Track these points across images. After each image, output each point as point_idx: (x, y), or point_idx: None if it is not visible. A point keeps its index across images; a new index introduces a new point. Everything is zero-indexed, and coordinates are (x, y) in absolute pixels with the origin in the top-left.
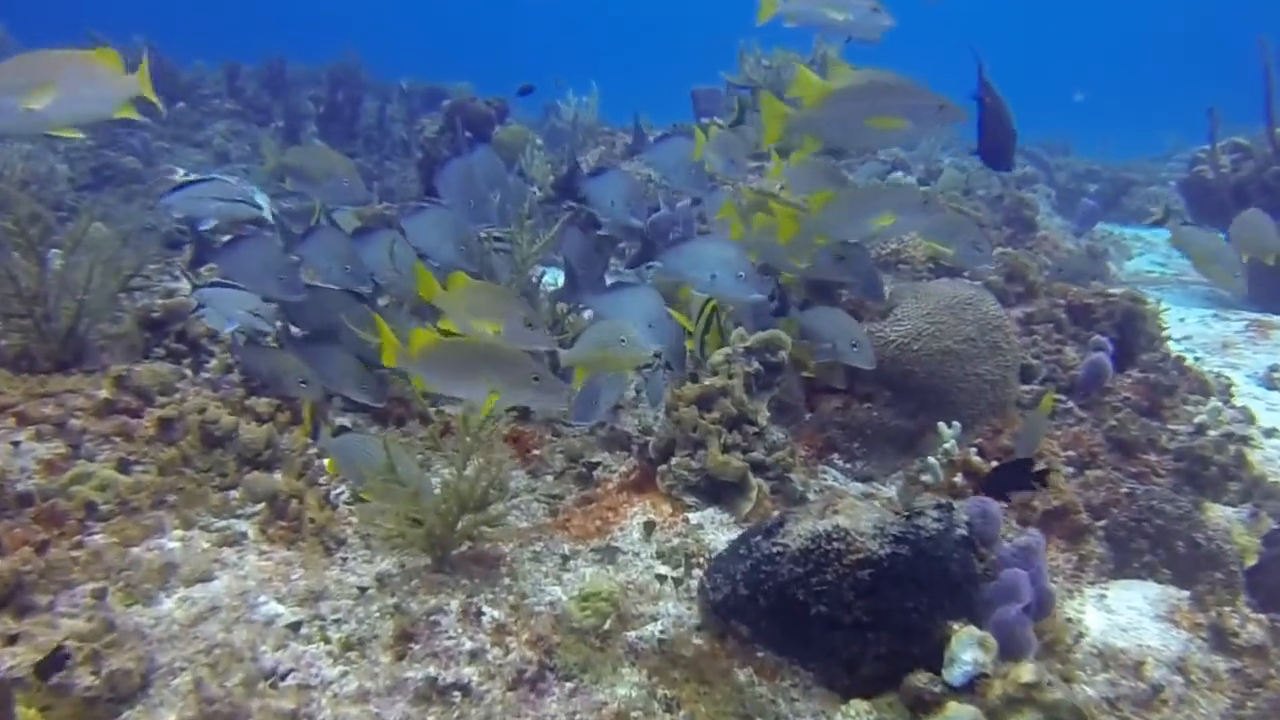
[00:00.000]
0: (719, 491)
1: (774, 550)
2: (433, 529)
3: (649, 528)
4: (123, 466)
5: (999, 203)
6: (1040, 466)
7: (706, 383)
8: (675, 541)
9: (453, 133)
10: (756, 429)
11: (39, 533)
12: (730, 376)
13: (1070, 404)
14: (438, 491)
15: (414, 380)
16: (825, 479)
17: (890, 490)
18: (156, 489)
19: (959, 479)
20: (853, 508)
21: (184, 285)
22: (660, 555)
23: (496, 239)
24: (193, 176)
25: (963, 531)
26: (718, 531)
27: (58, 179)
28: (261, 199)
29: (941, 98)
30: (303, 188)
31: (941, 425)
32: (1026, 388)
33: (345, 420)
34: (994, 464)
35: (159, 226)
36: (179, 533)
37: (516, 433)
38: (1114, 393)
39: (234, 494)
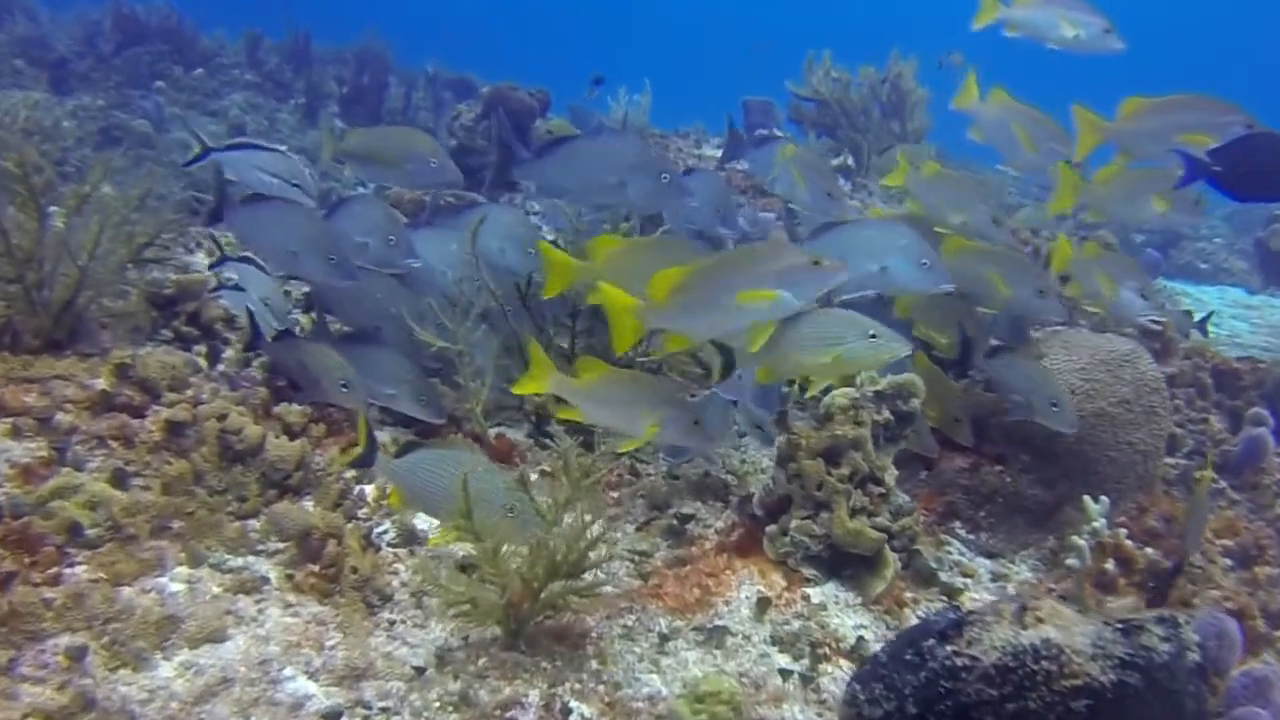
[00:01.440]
0: (840, 563)
1: (958, 663)
2: (513, 597)
3: (763, 605)
4: (119, 479)
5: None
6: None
7: (838, 431)
8: (795, 625)
9: (488, 120)
10: (883, 490)
11: (4, 561)
12: (857, 424)
13: (1223, 484)
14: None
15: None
16: (950, 552)
17: (1022, 570)
18: (159, 511)
19: (1110, 566)
20: (1058, 615)
21: (200, 258)
22: (778, 641)
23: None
24: (259, 142)
25: (1195, 657)
26: (844, 615)
27: (64, 134)
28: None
29: (1249, 116)
30: (375, 175)
31: (1087, 500)
32: (1170, 460)
33: (382, 433)
34: (1147, 550)
35: (168, 195)
36: (184, 571)
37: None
38: (1267, 473)
39: (254, 524)
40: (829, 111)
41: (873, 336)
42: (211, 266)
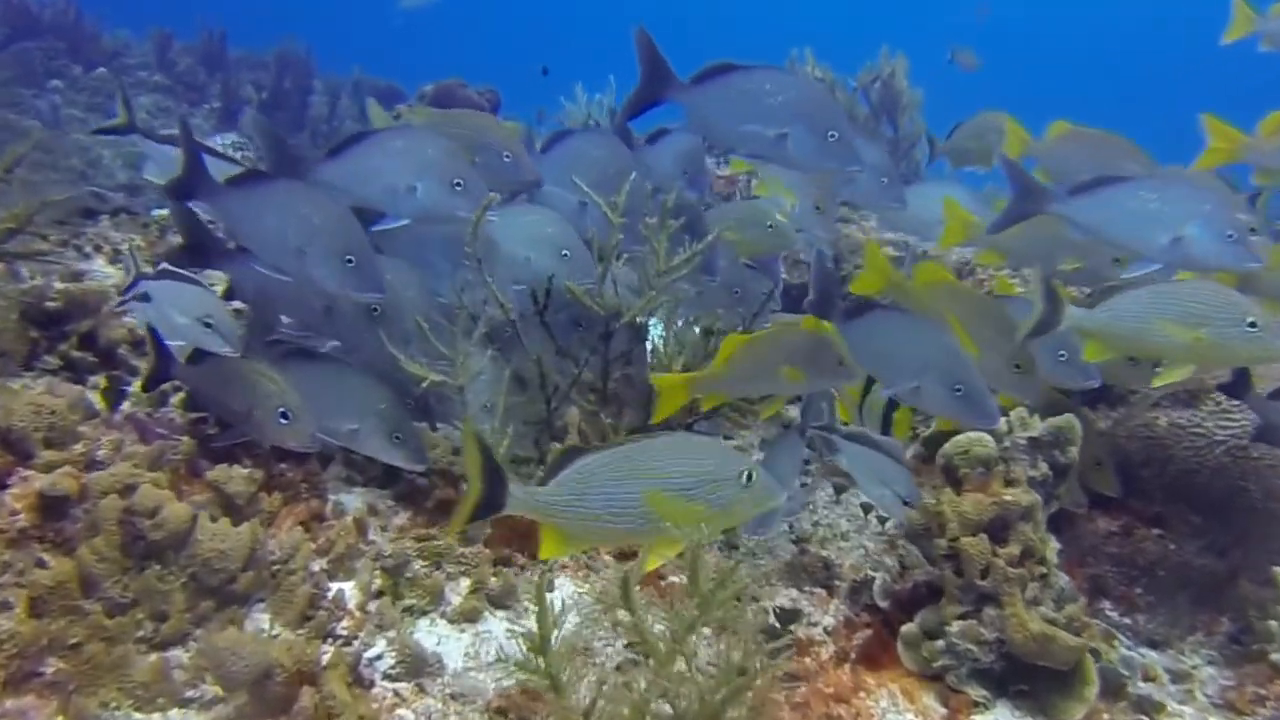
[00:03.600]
0: (1010, 675)
1: None
2: None
3: None
4: None
5: None
6: None
7: (1006, 497)
8: None
9: None
10: (1044, 570)
11: None
12: (1008, 483)
13: None
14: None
15: None
16: (1117, 645)
17: (1198, 663)
18: (24, 645)
19: None
20: None
21: (100, 264)
22: None
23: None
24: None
25: None
26: None
27: None
28: None
29: None
30: None
31: None
32: None
33: (352, 497)
34: None
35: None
36: None
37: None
38: None
39: (180, 657)
40: None
41: (1252, 325)
42: (124, 291)
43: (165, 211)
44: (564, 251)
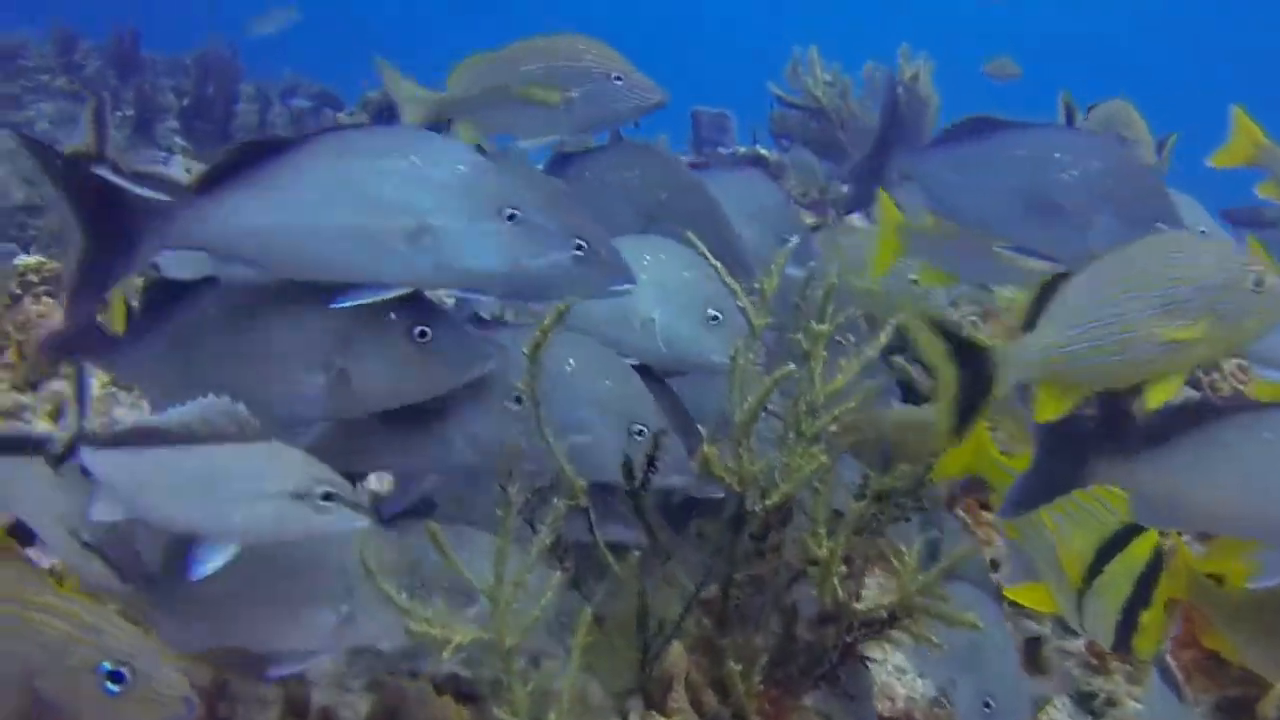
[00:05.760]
0: None
1: None
2: None
3: None
4: None
5: None
6: None
7: None
8: None
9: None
10: None
11: None
12: None
13: None
14: None
15: None
16: None
17: None
18: None
19: None
20: None
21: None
22: None
23: None
24: None
25: None
26: None
27: None
28: None
29: None
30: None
31: None
32: None
33: None
34: None
35: None
36: None
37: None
38: None
39: None
40: (824, 123)
41: None
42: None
43: (32, 259)
44: (712, 313)
